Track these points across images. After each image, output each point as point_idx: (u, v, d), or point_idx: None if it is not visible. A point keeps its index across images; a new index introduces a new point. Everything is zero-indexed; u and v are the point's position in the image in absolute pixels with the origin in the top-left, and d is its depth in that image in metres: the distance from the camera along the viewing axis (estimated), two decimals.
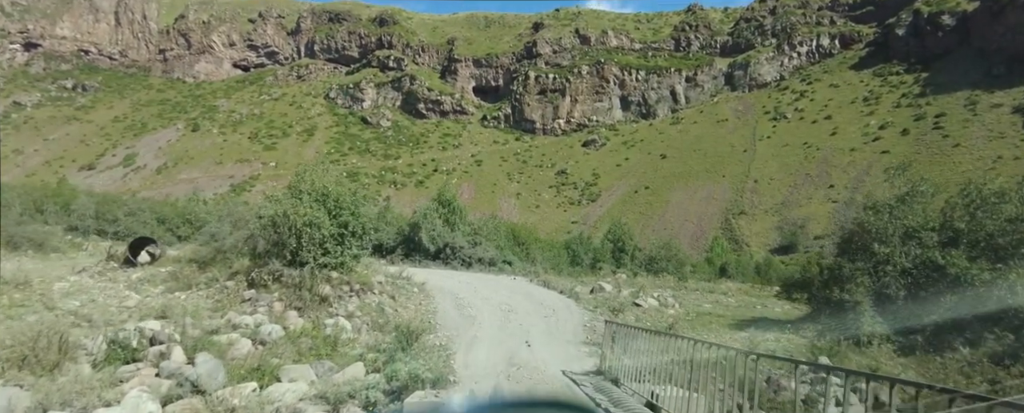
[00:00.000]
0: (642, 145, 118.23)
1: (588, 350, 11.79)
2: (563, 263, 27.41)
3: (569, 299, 17.35)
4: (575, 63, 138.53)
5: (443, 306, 15.02)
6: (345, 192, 13.03)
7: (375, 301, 12.92)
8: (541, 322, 13.93)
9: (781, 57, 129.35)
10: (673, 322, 13.33)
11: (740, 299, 15.34)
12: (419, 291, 16.43)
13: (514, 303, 16.34)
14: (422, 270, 21.68)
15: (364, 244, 13.71)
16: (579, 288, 18.78)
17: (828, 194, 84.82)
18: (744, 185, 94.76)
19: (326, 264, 12.02)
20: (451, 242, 23.89)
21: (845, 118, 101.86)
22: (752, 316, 15.79)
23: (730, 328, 14.89)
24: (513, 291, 18.68)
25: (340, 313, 11.22)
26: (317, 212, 11.73)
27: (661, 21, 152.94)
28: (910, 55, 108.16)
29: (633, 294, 17.21)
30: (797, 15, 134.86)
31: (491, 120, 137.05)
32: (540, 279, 21.37)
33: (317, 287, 11.38)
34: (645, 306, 15.67)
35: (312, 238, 11.63)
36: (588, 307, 16.21)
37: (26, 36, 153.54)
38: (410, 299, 15.20)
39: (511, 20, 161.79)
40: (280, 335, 9.22)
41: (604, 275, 21.73)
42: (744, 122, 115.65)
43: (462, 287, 18.54)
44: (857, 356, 11.84)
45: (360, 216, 13.10)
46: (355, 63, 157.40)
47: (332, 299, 11.56)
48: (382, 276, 15.41)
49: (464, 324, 13.08)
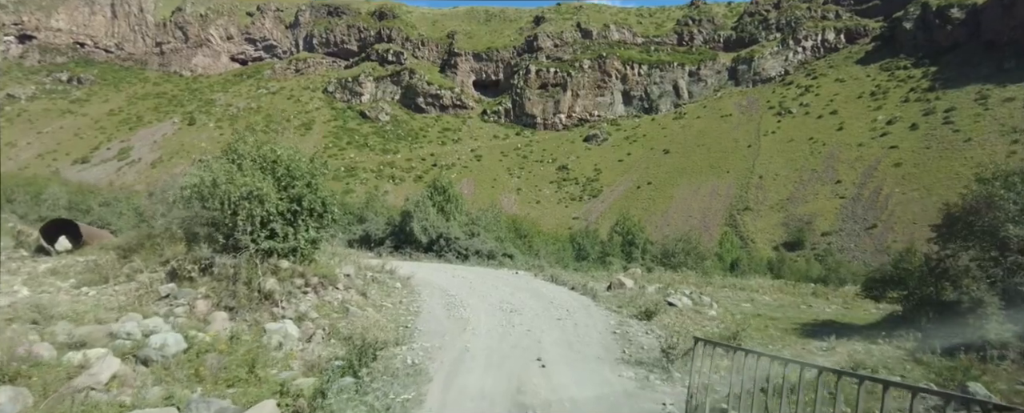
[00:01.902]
0: (644, 140, 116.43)
1: (633, 374, 8.45)
2: (568, 257, 25.61)
3: (585, 297, 14.79)
4: (577, 57, 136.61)
5: (429, 305, 12.58)
6: (300, 159, 10.35)
7: (338, 299, 10.50)
8: (555, 328, 11.14)
9: (786, 52, 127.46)
10: (738, 329, 10.47)
11: (777, 298, 13.00)
12: (402, 287, 14.06)
13: (518, 302, 13.75)
14: (411, 264, 19.48)
15: (326, 225, 10.84)
16: (593, 284, 16.22)
17: (835, 190, 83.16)
18: (749, 181, 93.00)
19: (272, 250, 9.55)
20: (446, 233, 21.73)
21: (851, 113, 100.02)
22: (813, 319, 13.24)
23: (798, 335, 12.18)
24: (516, 287, 16.06)
25: (288, 314, 8.79)
26: (261, 182, 9.21)
27: (664, 15, 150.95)
28: (918, 49, 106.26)
29: (660, 291, 14.39)
30: (802, 9, 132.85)
31: (491, 115, 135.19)
32: (546, 274, 19.10)
33: (258, 280, 8.81)
34: (680, 306, 13.05)
35: (252, 215, 9.08)
36: (610, 307, 13.48)
37: (21, 28, 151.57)
38: (389, 296, 12.76)
39: (512, 14, 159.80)
40: (179, 349, 6.60)
41: (615, 270, 19.52)
42: (748, 117, 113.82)
43: (455, 282, 16.22)
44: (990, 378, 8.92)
45: (319, 189, 10.38)
46: (354, 57, 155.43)
47: (279, 296, 9.03)
48: (352, 267, 12.87)
49: (452, 330, 10.55)
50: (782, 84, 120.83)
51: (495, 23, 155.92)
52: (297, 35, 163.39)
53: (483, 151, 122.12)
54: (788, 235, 76.18)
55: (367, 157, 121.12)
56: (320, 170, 10.58)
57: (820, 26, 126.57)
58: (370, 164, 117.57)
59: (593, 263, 22.97)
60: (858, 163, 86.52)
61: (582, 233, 35.00)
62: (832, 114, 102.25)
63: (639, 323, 11.61)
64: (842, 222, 75.58)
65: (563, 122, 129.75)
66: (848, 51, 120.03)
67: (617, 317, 12.33)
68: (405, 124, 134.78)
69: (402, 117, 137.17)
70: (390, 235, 23.14)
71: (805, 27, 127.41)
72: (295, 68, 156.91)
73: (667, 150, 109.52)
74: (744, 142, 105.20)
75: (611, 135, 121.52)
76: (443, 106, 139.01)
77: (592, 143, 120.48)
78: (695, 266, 23.98)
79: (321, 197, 10.36)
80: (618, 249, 29.02)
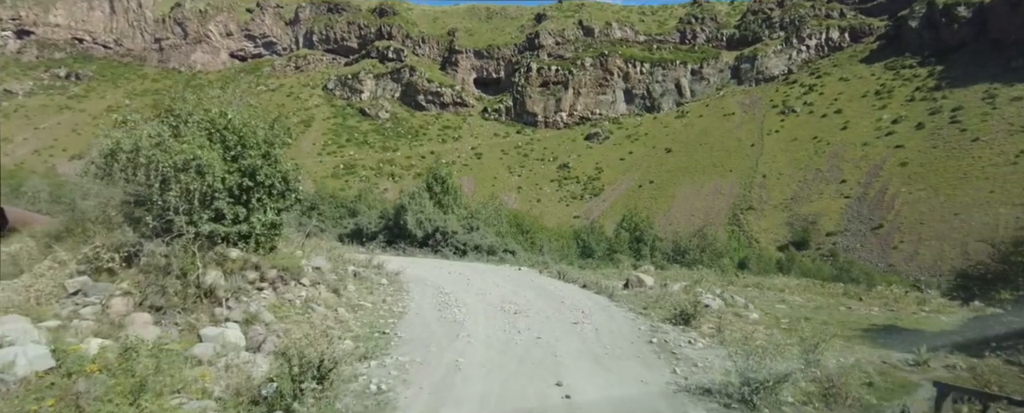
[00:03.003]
0: (646, 139, 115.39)
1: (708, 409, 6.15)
2: (572, 254, 24.43)
3: (600, 296, 12.77)
4: (578, 55, 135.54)
5: (417, 305, 10.70)
6: (256, 123, 8.35)
7: (302, 297, 8.51)
8: (571, 335, 9.06)
9: (789, 50, 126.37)
10: (814, 338, 7.84)
11: (808, 298, 11.53)
12: (389, 283, 12.18)
13: (523, 301, 11.66)
14: (404, 259, 18.02)
15: (289, 207, 8.81)
16: (605, 281, 14.42)
17: (840, 190, 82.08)
18: (752, 180, 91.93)
19: (216, 236, 7.63)
20: (443, 227, 20.32)
21: (856, 112, 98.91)
22: (868, 324, 11.19)
23: (867, 343, 9.94)
24: (519, 284, 14.17)
25: (234, 317, 6.93)
26: (203, 149, 7.34)
27: (666, 13, 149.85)
28: (924, 48, 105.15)
29: (687, 290, 12.44)
30: (806, 8, 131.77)
31: (492, 113, 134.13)
32: (552, 270, 17.31)
33: (196, 273, 6.92)
34: (714, 308, 11.25)
35: (188, 191, 7.16)
36: (633, 308, 11.41)
37: (19, 23, 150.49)
38: (371, 294, 10.84)
39: (513, 11, 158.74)
40: (40, 368, 4.60)
41: (625, 267, 18.12)
42: (751, 116, 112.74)
43: (450, 279, 14.55)
44: None
45: (279, 162, 8.37)
46: (354, 54, 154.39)
47: (224, 293, 7.13)
48: (325, 259, 10.79)
49: (442, 337, 8.50)
50: (785, 83, 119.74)
51: (496, 20, 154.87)
52: (297, 32, 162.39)
53: (483, 149, 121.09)
54: (792, 235, 75.11)
55: (366, 155, 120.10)
56: (281, 138, 8.51)
57: (824, 25, 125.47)
58: (369, 162, 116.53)
59: (600, 260, 21.72)
60: (863, 162, 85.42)
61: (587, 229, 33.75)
62: (836, 113, 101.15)
63: (676, 329, 9.67)
64: (847, 222, 74.49)
65: (564, 120, 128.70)
66: (852, 50, 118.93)
67: (645, 321, 10.32)
68: (405, 122, 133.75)
69: (402, 115, 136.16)
70: (383, 229, 21.84)
71: (809, 25, 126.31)
72: (295, 65, 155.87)
73: (669, 149, 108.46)
74: (747, 141, 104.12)
75: (613, 134, 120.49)
76: (443, 104, 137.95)
77: (593, 142, 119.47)
78: (711, 264, 22.76)
79: (281, 171, 8.37)
80: (625, 246, 27.77)
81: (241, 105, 9.04)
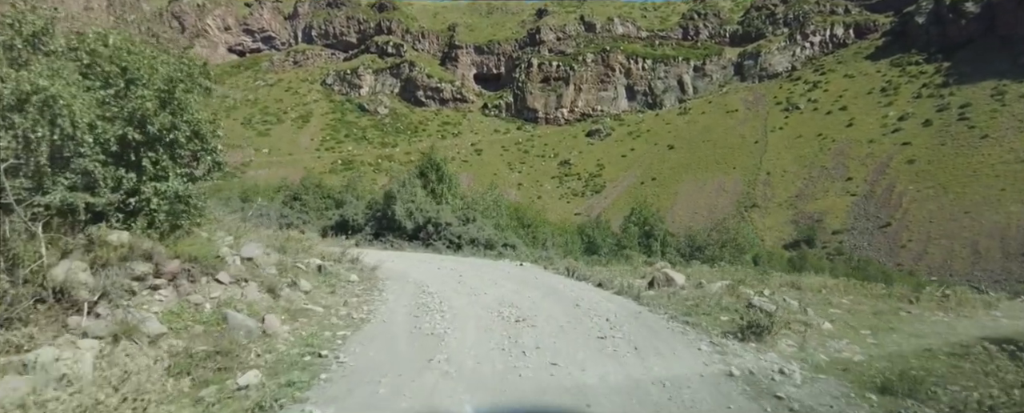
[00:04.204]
0: (648, 135, 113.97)
1: None
2: (577, 250, 22.91)
3: (623, 298, 10.18)
4: (580, 51, 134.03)
5: (388, 309, 8.33)
6: (151, 54, 6.31)
7: (215, 299, 6.35)
8: (601, 357, 6.55)
9: (793, 47, 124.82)
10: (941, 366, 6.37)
11: (855, 300, 9.45)
12: (360, 280, 9.98)
13: (527, 304, 9.21)
14: (390, 253, 16.14)
15: (208, 175, 6.73)
16: (622, 279, 12.01)
17: (846, 187, 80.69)
18: (756, 177, 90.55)
19: (74, 208, 5.42)
20: (436, 218, 18.68)
21: (862, 109, 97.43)
22: (985, 335, 7.92)
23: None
24: (522, 282, 11.88)
25: (99, 330, 4.78)
26: (53, 79, 5.20)
27: (669, 9, 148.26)
28: (930, 44, 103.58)
29: (730, 290, 10.02)
30: (810, 4, 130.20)
31: (492, 109, 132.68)
32: (559, 266, 14.93)
33: (38, 263, 4.78)
34: (777, 315, 8.12)
35: (28, 142, 5.10)
36: (673, 314, 8.69)
37: None
38: (333, 294, 8.60)
39: (514, 6, 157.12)
40: None
41: (638, 263, 16.38)
42: (755, 113, 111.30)
43: (438, 275, 12.36)
44: None
45: (190, 109, 6.27)
46: (353, 49, 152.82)
47: (88, 293, 4.99)
48: (260, 248, 8.27)
49: (406, 364, 5.99)
50: (789, 80, 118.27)
51: (497, 16, 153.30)
52: (296, 26, 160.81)
53: (483, 145, 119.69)
54: (798, 233, 73.75)
55: (365, 150, 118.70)
56: (195, 78, 6.41)
57: (828, 21, 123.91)
58: (368, 158, 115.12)
59: (607, 256, 20.16)
60: (869, 160, 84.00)
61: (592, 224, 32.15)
62: (841, 110, 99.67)
63: (747, 349, 6.97)
64: (854, 220, 73.08)
65: (565, 117, 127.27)
66: (857, 46, 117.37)
67: (698, 334, 7.56)
68: (404, 117, 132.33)
69: (401, 110, 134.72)
70: (371, 221, 20.45)
71: (813, 22, 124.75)
72: (293, 60, 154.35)
73: (672, 146, 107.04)
74: (751, 138, 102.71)
75: (614, 130, 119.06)
76: (443, 99, 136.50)
77: (595, 138, 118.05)
78: (733, 260, 21.00)
79: (191, 122, 6.22)
80: (635, 241, 26.16)
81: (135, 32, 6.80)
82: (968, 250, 59.69)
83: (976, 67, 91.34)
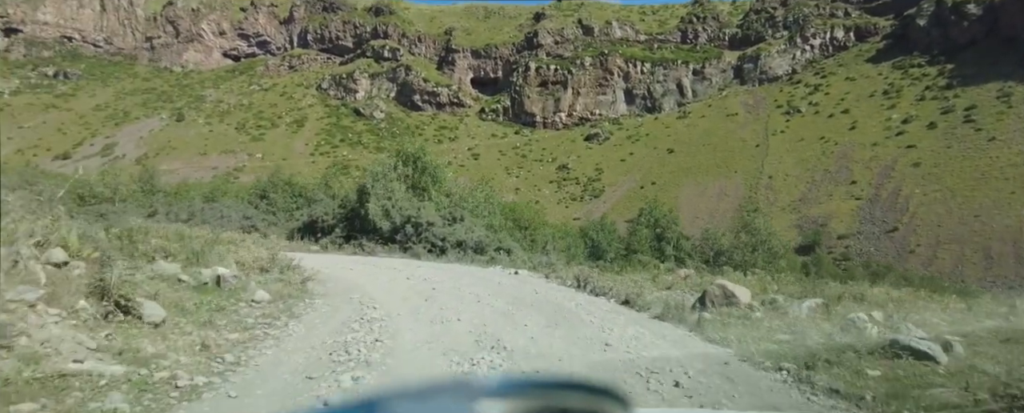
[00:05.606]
0: (648, 139, 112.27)
1: None
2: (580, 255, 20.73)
3: (673, 326, 7.30)
4: (578, 55, 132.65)
5: (269, 360, 5.06)
6: None
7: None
8: None
9: (793, 50, 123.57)
10: None
11: (952, 316, 7.33)
12: (271, 300, 7.30)
13: (522, 342, 6.14)
14: (356, 259, 13.47)
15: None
16: (652, 294, 9.38)
17: (850, 191, 79.00)
18: (758, 181, 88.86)
19: None
20: (416, 217, 16.13)
21: (864, 112, 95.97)
22: None
23: None
24: (516, 299, 9.01)
25: None
26: None
27: (667, 12, 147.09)
28: (932, 46, 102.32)
29: (824, 313, 7.39)
30: (810, 7, 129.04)
31: (489, 113, 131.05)
32: (565, 275, 11.83)
33: None
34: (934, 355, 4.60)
35: None
36: (801, 370, 5.09)
37: (6, 21, 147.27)
38: (202, 328, 5.48)
39: (511, 10, 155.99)
40: None
41: (658, 271, 13.65)
42: (755, 116, 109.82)
43: (400, 289, 9.64)
44: None
45: None
46: (349, 53, 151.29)
47: None
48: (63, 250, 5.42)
49: None
50: (790, 83, 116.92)
51: (494, 19, 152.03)
52: (291, 31, 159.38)
53: (481, 150, 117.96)
54: (802, 237, 71.94)
55: (360, 155, 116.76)
56: None
57: (829, 24, 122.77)
58: (363, 162, 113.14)
59: (615, 262, 17.94)
60: (873, 163, 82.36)
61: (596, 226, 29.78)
62: (843, 113, 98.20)
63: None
64: (860, 224, 71.32)
65: (563, 121, 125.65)
66: (858, 49, 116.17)
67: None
68: (400, 122, 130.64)
69: (397, 115, 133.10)
70: (343, 221, 17.98)
71: (813, 25, 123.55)
72: (289, 64, 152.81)
73: (671, 149, 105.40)
74: (752, 141, 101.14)
75: (613, 134, 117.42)
76: (440, 104, 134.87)
77: (593, 142, 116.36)
78: (766, 266, 18.42)
79: None
80: (646, 245, 23.79)
81: None
82: (980, 254, 57.94)
83: (980, 69, 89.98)
